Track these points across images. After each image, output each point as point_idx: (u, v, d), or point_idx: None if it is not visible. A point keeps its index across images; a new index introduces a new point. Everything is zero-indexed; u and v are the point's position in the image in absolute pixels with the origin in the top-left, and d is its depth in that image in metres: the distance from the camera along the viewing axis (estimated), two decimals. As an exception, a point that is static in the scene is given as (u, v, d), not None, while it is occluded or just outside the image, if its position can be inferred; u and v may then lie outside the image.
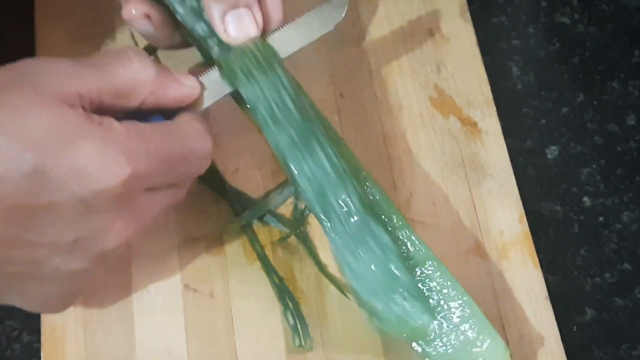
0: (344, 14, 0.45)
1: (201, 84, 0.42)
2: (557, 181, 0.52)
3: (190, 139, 0.39)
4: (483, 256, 0.49)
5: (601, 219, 0.51)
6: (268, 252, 0.48)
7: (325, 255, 0.48)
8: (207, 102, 0.42)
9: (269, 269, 0.48)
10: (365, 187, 0.43)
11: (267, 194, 0.49)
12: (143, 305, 0.47)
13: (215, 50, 0.43)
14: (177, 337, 0.46)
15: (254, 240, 0.48)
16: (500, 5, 0.58)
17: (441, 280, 0.42)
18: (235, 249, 0.48)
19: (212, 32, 0.43)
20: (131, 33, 0.54)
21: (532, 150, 0.53)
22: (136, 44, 0.54)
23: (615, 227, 0.51)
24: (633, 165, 0.53)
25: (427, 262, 0.42)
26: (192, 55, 0.50)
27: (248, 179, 0.50)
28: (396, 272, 0.41)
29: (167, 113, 0.41)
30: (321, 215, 0.41)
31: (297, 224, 0.49)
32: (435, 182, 0.51)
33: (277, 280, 0.47)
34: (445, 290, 0.42)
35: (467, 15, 0.56)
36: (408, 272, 0.42)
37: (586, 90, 0.55)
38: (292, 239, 0.49)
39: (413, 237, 0.43)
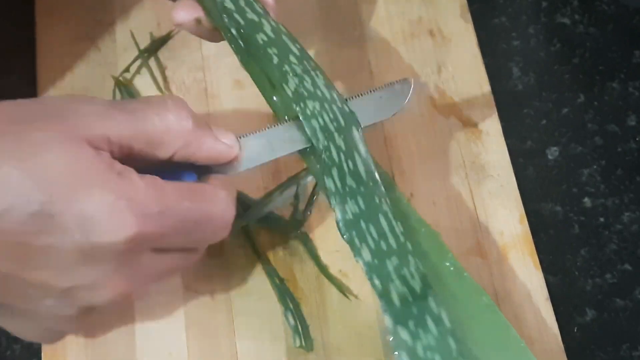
0: (406, 101, 0.43)
1: (241, 145, 0.40)
2: (557, 182, 0.52)
3: (212, 205, 0.38)
4: (483, 257, 0.49)
5: (601, 219, 0.51)
6: (269, 253, 0.48)
7: (326, 256, 0.48)
8: (245, 165, 0.40)
9: (269, 270, 0.48)
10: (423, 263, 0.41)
11: (268, 194, 0.49)
12: (144, 307, 0.47)
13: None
14: (177, 338, 0.46)
15: (254, 241, 0.48)
16: (501, 5, 0.58)
17: None
18: (236, 250, 0.48)
19: None
20: (131, 33, 0.54)
21: (532, 151, 0.53)
22: (137, 44, 0.54)
23: (615, 228, 0.51)
24: (633, 166, 0.53)
25: None
26: (193, 58, 0.50)
27: (249, 180, 0.50)
28: (456, 355, 0.39)
29: (200, 170, 0.39)
30: (380, 291, 0.39)
31: (298, 224, 0.49)
32: (436, 182, 0.51)
33: (277, 281, 0.47)
34: None
35: (468, 15, 0.56)
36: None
37: (586, 90, 0.55)
38: (293, 240, 0.49)
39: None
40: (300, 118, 0.41)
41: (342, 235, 0.40)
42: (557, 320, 0.47)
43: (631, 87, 0.55)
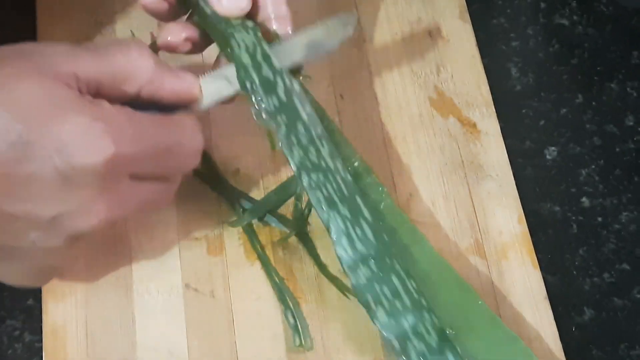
0: (352, 31, 0.45)
1: (200, 84, 0.41)
2: (556, 182, 0.52)
3: (180, 133, 0.39)
4: (482, 256, 0.49)
5: (600, 219, 0.51)
6: (268, 252, 0.48)
7: (326, 255, 0.48)
8: (205, 102, 0.42)
9: (269, 269, 0.48)
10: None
11: (268, 194, 0.50)
12: (144, 305, 0.47)
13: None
14: (178, 337, 0.46)
15: (254, 241, 0.49)
16: (500, 6, 0.58)
17: None
18: (236, 249, 0.48)
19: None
20: (132, 33, 0.55)
21: (531, 151, 0.53)
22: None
23: (613, 228, 0.51)
24: (631, 166, 0.53)
25: None
26: (193, 58, 0.50)
27: (249, 180, 0.50)
28: None
29: (165, 110, 0.40)
30: (398, 351, 0.41)
31: (298, 224, 0.49)
32: (435, 182, 0.51)
33: (277, 280, 0.47)
34: None
35: (467, 16, 0.56)
36: None
37: (585, 91, 0.55)
38: (293, 239, 0.49)
39: None
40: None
41: (359, 301, 0.41)
42: (556, 319, 0.47)
43: (629, 88, 0.55)
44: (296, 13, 0.45)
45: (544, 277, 0.48)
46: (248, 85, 0.42)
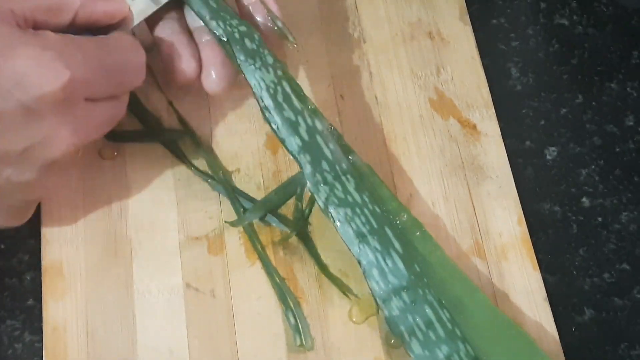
0: None
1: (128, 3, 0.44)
2: (556, 182, 0.52)
3: (124, 50, 0.41)
4: (482, 257, 0.49)
5: (600, 219, 0.51)
6: (269, 252, 0.48)
7: (326, 255, 0.48)
8: (136, 20, 0.44)
9: (270, 269, 0.48)
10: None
11: (268, 194, 0.50)
12: (144, 305, 0.47)
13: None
14: (178, 337, 0.46)
15: (255, 240, 0.49)
16: (500, 7, 0.58)
17: None
18: (237, 249, 0.48)
19: None
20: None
21: (531, 151, 0.53)
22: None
23: (614, 228, 0.51)
24: (632, 166, 0.53)
25: None
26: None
27: (249, 179, 0.50)
28: None
29: (99, 34, 0.42)
30: None
31: (299, 224, 0.49)
32: (435, 183, 0.51)
33: (278, 280, 0.47)
34: None
35: (467, 17, 0.56)
36: None
37: (585, 91, 0.55)
38: (293, 239, 0.49)
39: None
40: None
41: (393, 333, 0.42)
42: (556, 319, 0.47)
43: (629, 88, 0.55)
44: (297, 14, 0.45)
45: (544, 277, 0.48)
46: (274, 126, 0.44)
